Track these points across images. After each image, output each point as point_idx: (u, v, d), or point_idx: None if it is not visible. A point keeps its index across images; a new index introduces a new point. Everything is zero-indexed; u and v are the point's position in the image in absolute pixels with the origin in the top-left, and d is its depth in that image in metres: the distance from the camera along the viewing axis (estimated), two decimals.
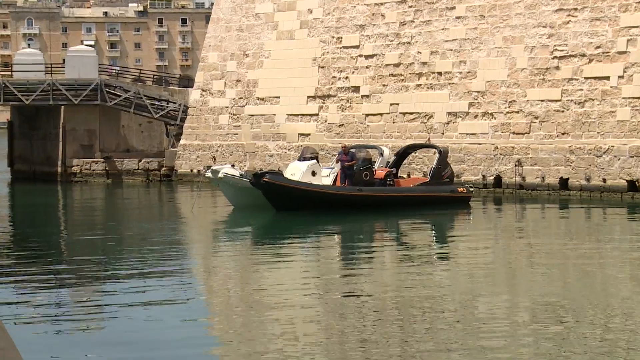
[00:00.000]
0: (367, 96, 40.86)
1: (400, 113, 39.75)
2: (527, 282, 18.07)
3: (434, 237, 27.28)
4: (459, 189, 32.58)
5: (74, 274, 19.56)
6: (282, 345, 13.12)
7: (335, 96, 41.90)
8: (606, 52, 34.75)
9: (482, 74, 37.64)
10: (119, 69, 66.79)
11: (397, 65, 40.04)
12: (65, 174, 46.99)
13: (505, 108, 36.96)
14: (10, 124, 52.61)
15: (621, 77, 34.27)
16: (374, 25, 41.04)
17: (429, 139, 37.55)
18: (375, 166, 32.04)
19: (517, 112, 36.65)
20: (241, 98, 45.29)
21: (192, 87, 49.24)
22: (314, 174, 30.92)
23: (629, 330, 13.79)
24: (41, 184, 46.86)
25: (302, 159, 31.63)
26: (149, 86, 51.05)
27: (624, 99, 34.17)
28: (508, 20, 37.29)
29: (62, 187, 45.18)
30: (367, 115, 40.79)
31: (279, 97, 43.80)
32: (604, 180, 34.26)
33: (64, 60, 54.45)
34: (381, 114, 40.33)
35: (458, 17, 38.55)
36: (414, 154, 37.14)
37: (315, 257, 22.68)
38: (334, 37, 42.30)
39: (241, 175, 31.35)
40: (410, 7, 39.99)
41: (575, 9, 35.71)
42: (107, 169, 47.05)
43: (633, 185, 33.75)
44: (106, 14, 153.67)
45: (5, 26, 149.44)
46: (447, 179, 32.53)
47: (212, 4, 56.80)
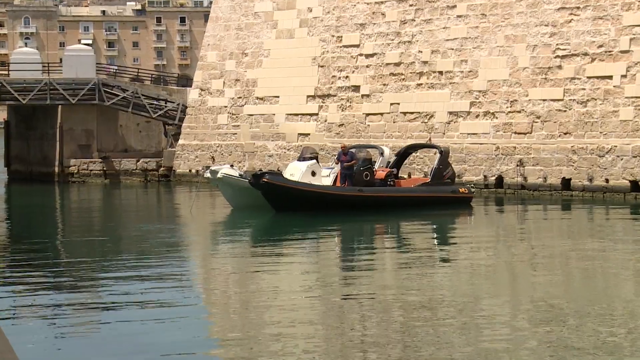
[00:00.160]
0: (368, 96, 40.62)
1: (400, 113, 39.52)
2: (529, 284, 17.98)
3: (435, 238, 27.16)
4: (460, 190, 32.45)
5: (71, 276, 19.47)
6: (282, 346, 13.06)
7: (335, 96, 41.65)
8: (609, 51, 34.51)
9: (483, 73, 37.40)
10: (116, 68, 66.63)
11: (398, 64, 39.79)
12: (63, 174, 46.75)
13: (507, 108, 36.71)
14: (6, 124, 52.40)
15: (624, 76, 34.06)
16: (374, 24, 40.79)
17: (429, 138, 37.39)
18: (376, 166, 31.90)
19: (519, 112, 36.40)
20: (240, 97, 45.04)
21: (190, 86, 49.07)
22: (313, 174, 30.76)
23: (633, 332, 13.67)
24: (38, 184, 46.66)
25: (301, 159, 31.48)
26: (147, 85, 50.82)
27: (626, 98, 33.96)
28: (510, 19, 37.04)
29: (60, 187, 45.06)
30: (368, 115, 40.55)
31: (278, 97, 43.56)
32: (607, 181, 34.04)
33: (61, 60, 54.24)
34: (382, 114, 40.10)
35: (459, 16, 38.33)
36: (414, 154, 36.99)
37: (314, 258, 22.58)
38: (334, 36, 42.03)
39: (240, 176, 31.25)
40: (411, 5, 39.73)
41: (578, 8, 35.46)
42: (104, 169, 46.83)
43: (636, 186, 33.54)
44: (104, 12, 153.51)
45: (1, 25, 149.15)
46: (449, 180, 32.43)
47: (210, 3, 56.55)
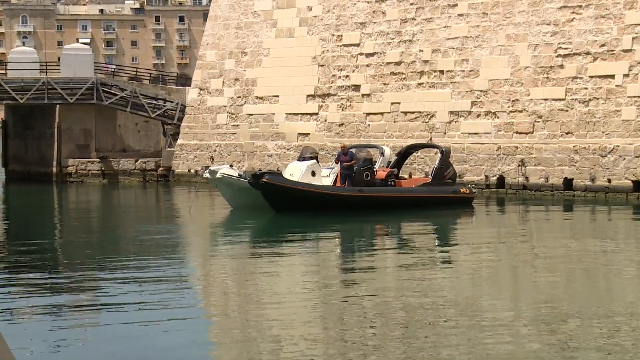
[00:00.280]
0: (368, 95, 40.43)
1: (401, 112, 39.33)
2: (530, 285, 17.94)
3: (436, 238, 27.11)
4: (461, 190, 32.34)
5: (69, 276, 19.40)
6: (281, 347, 13.03)
7: (335, 95, 41.45)
8: (611, 50, 34.31)
9: (484, 72, 37.21)
10: (115, 67, 66.48)
11: (398, 63, 39.60)
12: (61, 174, 46.60)
13: (509, 107, 36.51)
14: (4, 124, 52.29)
15: (626, 75, 33.88)
16: (374, 23, 40.58)
17: (430, 138, 37.29)
18: (376, 166, 31.79)
19: (521, 111, 36.21)
20: (239, 97, 44.85)
21: (189, 85, 48.94)
22: (313, 174, 30.64)
23: (635, 333, 13.59)
24: (36, 184, 46.55)
25: (301, 159, 31.38)
26: (146, 85, 50.67)
27: (629, 97, 33.79)
28: (511, 18, 36.84)
29: (57, 187, 44.99)
30: (368, 114, 40.36)
31: (278, 96, 43.37)
32: (609, 181, 33.85)
33: (59, 59, 54.09)
34: (382, 113, 39.92)
35: (460, 15, 38.14)
36: (415, 153, 36.88)
37: (314, 259, 22.50)
38: (334, 35, 41.83)
39: (239, 176, 31.18)
40: (412, 4, 39.54)
41: (580, 6, 35.26)
42: (103, 169, 46.67)
43: (638, 186, 33.42)
44: (102, 11, 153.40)
45: None
46: (450, 180, 32.35)
47: (209, 1, 56.33)
